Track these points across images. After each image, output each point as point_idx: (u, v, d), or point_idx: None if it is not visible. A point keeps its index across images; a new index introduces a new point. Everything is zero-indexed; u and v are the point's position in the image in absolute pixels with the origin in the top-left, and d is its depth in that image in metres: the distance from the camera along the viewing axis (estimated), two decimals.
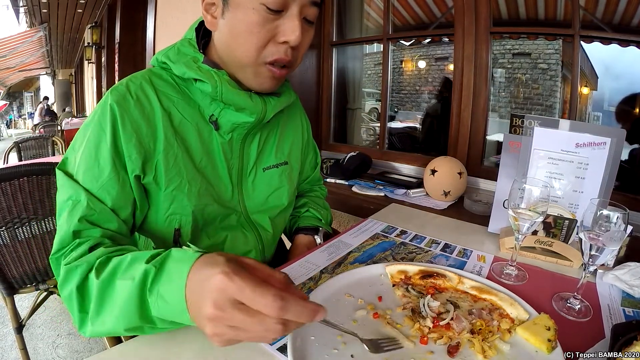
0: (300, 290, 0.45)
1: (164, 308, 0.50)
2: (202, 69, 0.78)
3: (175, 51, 0.81)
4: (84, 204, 0.68)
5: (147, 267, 0.52)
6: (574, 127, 0.94)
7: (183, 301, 0.47)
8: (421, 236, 1.01)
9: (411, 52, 2.58)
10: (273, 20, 0.72)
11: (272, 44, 0.75)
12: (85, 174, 0.71)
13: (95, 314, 0.58)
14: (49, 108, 11.63)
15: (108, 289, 0.57)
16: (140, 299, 0.52)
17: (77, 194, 0.69)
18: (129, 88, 0.76)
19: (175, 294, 0.48)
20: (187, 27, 0.84)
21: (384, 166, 2.04)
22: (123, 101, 0.74)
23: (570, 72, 1.59)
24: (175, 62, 0.79)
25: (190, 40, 0.82)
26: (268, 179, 0.93)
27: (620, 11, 1.49)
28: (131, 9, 4.65)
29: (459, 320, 0.61)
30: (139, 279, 0.52)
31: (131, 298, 0.53)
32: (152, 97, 0.77)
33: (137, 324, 0.53)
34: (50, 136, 3.76)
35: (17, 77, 13.84)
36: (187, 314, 0.47)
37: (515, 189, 0.78)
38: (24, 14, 8.06)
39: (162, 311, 0.51)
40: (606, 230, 0.65)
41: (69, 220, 0.67)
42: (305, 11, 0.74)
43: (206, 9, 0.78)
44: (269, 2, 0.70)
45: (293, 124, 1.04)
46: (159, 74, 0.82)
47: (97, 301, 0.57)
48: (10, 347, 2.02)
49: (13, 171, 1.43)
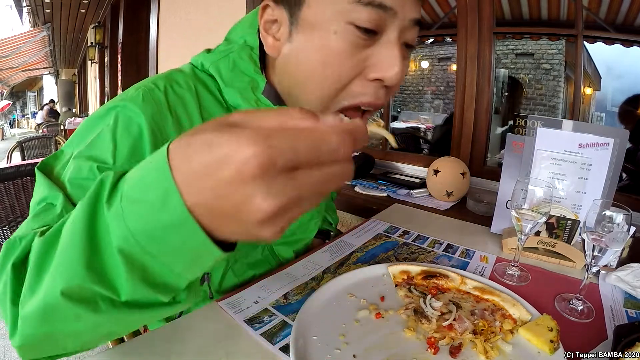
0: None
1: (135, 211, 0.30)
2: (260, 104, 0.62)
3: (231, 64, 0.63)
4: (57, 212, 0.50)
5: (104, 175, 0.34)
6: (577, 128, 0.94)
7: (169, 177, 0.28)
8: (424, 236, 1.01)
9: (414, 52, 2.58)
10: (363, 48, 0.54)
11: (359, 82, 0.56)
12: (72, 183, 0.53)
13: (30, 291, 0.37)
14: (51, 108, 11.66)
15: (53, 242, 0.37)
16: (91, 222, 0.33)
17: (53, 197, 0.52)
18: (168, 98, 0.59)
19: (154, 176, 0.30)
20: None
21: (386, 166, 2.04)
22: (159, 116, 0.57)
23: (573, 72, 1.58)
24: (229, 85, 0.62)
25: (253, 51, 0.63)
26: None
27: (623, 11, 1.48)
28: (134, 9, 4.67)
29: (461, 321, 0.61)
30: (91, 193, 0.34)
31: (76, 228, 0.33)
32: (196, 117, 0.60)
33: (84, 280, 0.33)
34: (53, 136, 3.79)
35: (21, 76, 13.90)
36: (178, 197, 0.28)
37: (518, 189, 0.78)
38: (27, 14, 8.09)
39: (132, 221, 0.30)
40: (609, 231, 0.65)
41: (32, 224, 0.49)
42: (405, 34, 0.56)
43: (265, 29, 0.59)
44: (361, 19, 0.52)
45: None
46: (204, 82, 0.64)
47: (36, 267, 0.37)
48: (12, 346, 2.02)
49: (16, 170, 1.44)
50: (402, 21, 0.54)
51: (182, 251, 0.31)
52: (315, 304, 0.65)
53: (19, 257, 0.41)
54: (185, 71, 0.65)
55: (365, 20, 0.52)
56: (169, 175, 0.28)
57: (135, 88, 0.59)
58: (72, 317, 0.35)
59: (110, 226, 0.32)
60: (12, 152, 3.45)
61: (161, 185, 0.28)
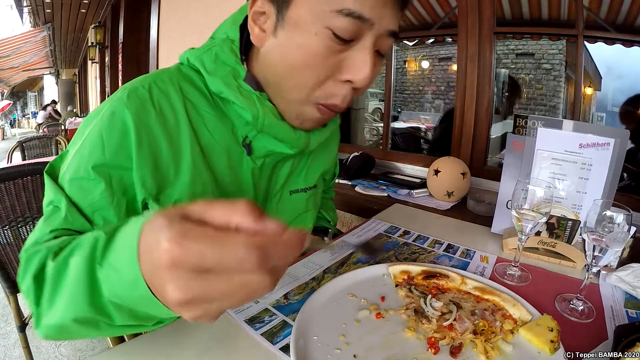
0: (270, 218, 0.33)
1: (115, 279, 0.39)
2: (242, 90, 0.65)
3: (213, 56, 0.66)
4: (62, 215, 0.56)
5: (98, 234, 0.42)
6: (578, 128, 0.94)
7: (135, 262, 0.34)
8: (424, 236, 1.01)
9: (414, 52, 2.58)
10: (338, 52, 0.58)
11: (332, 82, 0.61)
12: (71, 184, 0.59)
13: (48, 304, 0.48)
14: (53, 109, 11.67)
15: (62, 271, 0.46)
16: (90, 274, 0.41)
17: (57, 200, 0.58)
18: (152, 94, 0.62)
19: (126, 256, 0.36)
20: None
21: (387, 166, 2.04)
22: (142, 111, 0.60)
23: (573, 72, 1.58)
24: (212, 74, 0.65)
25: (233, 43, 0.67)
26: (294, 203, 0.84)
27: (624, 11, 1.48)
28: (135, 9, 4.67)
29: (461, 321, 0.61)
30: (89, 249, 0.42)
31: (80, 274, 0.42)
32: (180, 109, 0.64)
33: (88, 312, 0.42)
34: (53, 136, 3.78)
35: (21, 76, 13.92)
36: (143, 284, 0.35)
37: (518, 189, 0.78)
38: (28, 14, 8.10)
39: (114, 285, 0.39)
40: (610, 232, 0.65)
41: (44, 228, 0.56)
42: (380, 43, 0.60)
43: (253, 19, 0.63)
44: (339, 27, 0.55)
45: (328, 147, 0.92)
46: (189, 78, 0.68)
47: (51, 288, 0.47)
48: (13, 345, 2.03)
49: (17, 170, 1.44)
50: (378, 31, 0.58)
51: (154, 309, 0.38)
52: (316, 304, 0.66)
53: (37, 270, 0.50)
54: (170, 69, 0.69)
55: (343, 29, 0.55)
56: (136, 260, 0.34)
57: (123, 88, 0.63)
58: (82, 331, 0.47)
59: (101, 282, 0.41)
60: (12, 152, 3.44)
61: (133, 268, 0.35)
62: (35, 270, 0.50)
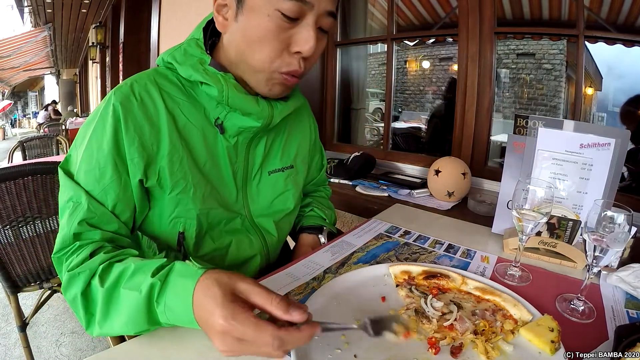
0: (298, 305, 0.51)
1: (172, 317, 0.54)
2: (208, 71, 0.76)
3: (182, 52, 0.79)
4: (85, 207, 0.68)
5: (153, 280, 0.55)
6: (579, 128, 0.94)
7: (191, 313, 0.52)
8: (425, 236, 1.01)
9: (415, 53, 2.58)
10: (288, 29, 0.70)
11: (286, 54, 0.73)
12: (87, 175, 0.70)
13: (103, 319, 0.61)
14: (54, 109, 11.68)
15: (113, 297, 0.59)
16: (148, 309, 0.55)
17: (77, 196, 0.69)
18: (133, 89, 0.74)
19: (182, 307, 0.53)
20: (191, 27, 0.82)
21: (387, 166, 2.04)
22: (127, 102, 0.72)
23: (574, 72, 1.58)
24: (182, 64, 0.77)
25: (198, 40, 0.80)
26: (273, 182, 0.92)
27: (624, 11, 1.48)
28: (135, 9, 4.68)
29: (462, 321, 0.61)
30: (146, 292, 0.55)
31: (139, 308, 0.56)
32: (157, 98, 0.76)
33: (146, 327, 0.57)
34: (54, 135, 3.77)
35: (22, 76, 13.94)
36: (196, 324, 0.52)
37: (519, 189, 0.78)
38: (29, 14, 8.11)
39: (171, 319, 0.55)
40: (610, 232, 0.65)
41: (70, 222, 0.68)
42: (320, 21, 0.72)
43: (217, 10, 0.76)
44: (285, 9, 0.68)
45: (300, 127, 1.02)
46: (164, 74, 0.80)
47: (104, 308, 0.60)
48: (14, 345, 2.03)
49: (17, 170, 1.44)
50: (318, 11, 0.70)
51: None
52: (317, 304, 0.66)
53: (83, 288, 0.61)
54: (148, 71, 0.81)
55: (289, 10, 0.68)
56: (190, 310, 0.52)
57: (112, 91, 0.75)
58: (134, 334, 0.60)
59: (158, 314, 0.55)
60: (13, 151, 3.44)
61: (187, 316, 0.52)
62: (82, 288, 0.61)
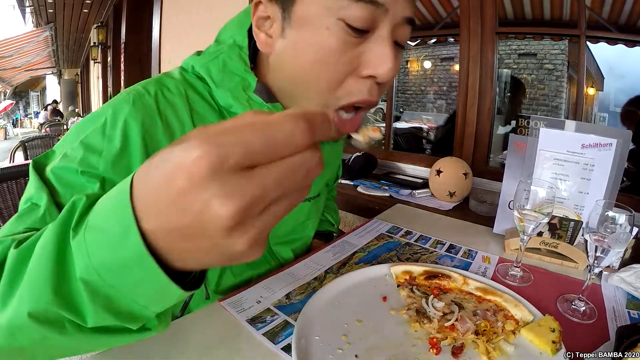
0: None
1: (96, 241, 0.30)
2: (253, 103, 0.61)
3: (220, 65, 0.62)
4: (40, 213, 0.50)
5: (76, 198, 0.34)
6: (580, 128, 0.93)
7: (127, 205, 0.27)
8: (426, 237, 1.01)
9: (416, 52, 2.58)
10: (355, 45, 0.54)
11: (352, 79, 0.56)
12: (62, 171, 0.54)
13: (2, 302, 0.36)
14: (54, 108, 11.69)
15: (26, 257, 0.35)
16: (59, 248, 0.32)
17: (38, 197, 0.52)
18: (159, 104, 0.58)
19: (115, 205, 0.29)
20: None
21: (389, 166, 2.04)
22: (150, 124, 0.56)
23: (576, 72, 1.58)
24: (219, 86, 0.61)
25: (242, 49, 0.63)
26: (296, 212, 0.80)
27: (626, 11, 1.48)
28: (137, 9, 4.69)
29: (463, 321, 0.61)
30: (62, 216, 0.34)
31: (46, 251, 0.33)
32: (187, 121, 0.60)
33: (50, 304, 0.32)
34: (56, 135, 3.79)
35: (24, 76, 13.96)
36: (135, 233, 0.27)
37: (520, 190, 0.78)
38: (30, 14, 8.13)
39: (93, 252, 0.30)
40: (612, 232, 0.65)
41: (15, 225, 0.50)
42: (396, 32, 0.55)
43: (258, 25, 0.59)
44: (352, 17, 0.51)
45: (335, 152, 0.88)
46: (194, 86, 0.64)
47: (9, 279, 0.36)
48: None
49: (19, 170, 1.44)
50: (394, 18, 0.54)
51: (144, 287, 0.30)
52: (318, 304, 0.66)
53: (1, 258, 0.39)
54: (175, 77, 0.65)
55: (356, 18, 0.51)
56: (128, 206, 0.27)
57: (126, 92, 0.59)
58: (39, 337, 0.34)
59: (74, 254, 0.31)
60: (15, 151, 3.45)
61: (121, 217, 0.28)
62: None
